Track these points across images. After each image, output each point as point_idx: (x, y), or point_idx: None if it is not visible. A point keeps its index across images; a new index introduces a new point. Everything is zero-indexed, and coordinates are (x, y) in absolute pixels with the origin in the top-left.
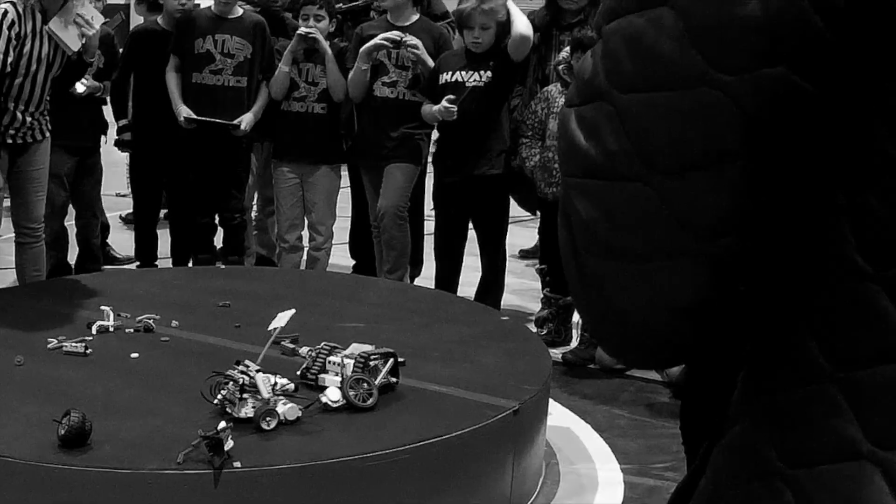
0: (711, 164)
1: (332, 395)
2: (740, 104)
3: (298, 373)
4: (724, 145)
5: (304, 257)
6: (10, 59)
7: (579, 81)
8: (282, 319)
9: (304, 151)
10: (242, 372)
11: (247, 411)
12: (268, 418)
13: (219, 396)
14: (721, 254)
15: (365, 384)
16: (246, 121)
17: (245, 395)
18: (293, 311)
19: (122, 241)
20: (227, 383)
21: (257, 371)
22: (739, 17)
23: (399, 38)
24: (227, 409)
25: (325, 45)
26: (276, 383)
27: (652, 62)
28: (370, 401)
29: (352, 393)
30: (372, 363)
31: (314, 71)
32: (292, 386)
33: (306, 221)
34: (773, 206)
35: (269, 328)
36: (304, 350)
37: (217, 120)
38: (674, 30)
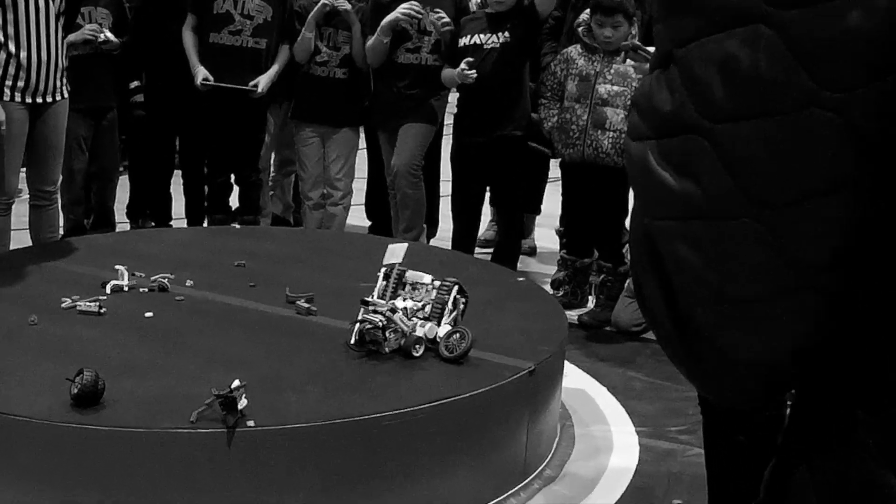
0: (826, 191)
1: (431, 332)
2: (854, 123)
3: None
4: (837, 170)
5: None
6: None
7: (650, 113)
8: (397, 254)
9: (325, 114)
10: (375, 311)
11: (391, 346)
12: (416, 345)
13: (365, 347)
14: (836, 288)
15: (457, 334)
16: (263, 83)
17: (387, 332)
18: (406, 244)
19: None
20: (369, 328)
21: (389, 309)
22: (845, 30)
23: (420, 17)
24: (377, 349)
25: (355, 17)
26: (405, 308)
27: (752, 87)
28: (464, 344)
29: (447, 352)
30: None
31: (336, 36)
32: (420, 304)
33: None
34: (888, 229)
35: (386, 262)
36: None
37: (234, 86)
38: (775, 49)
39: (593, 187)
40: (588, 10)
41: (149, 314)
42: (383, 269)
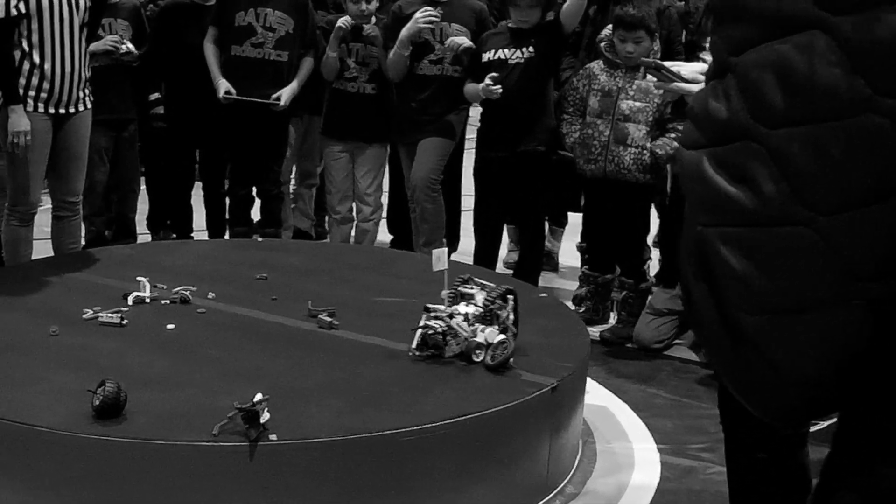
0: (879, 198)
1: (490, 337)
2: None
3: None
4: (891, 176)
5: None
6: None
7: (706, 121)
8: (442, 260)
9: (355, 130)
10: (436, 317)
11: (452, 351)
12: (477, 350)
13: (427, 352)
14: (886, 297)
15: (503, 344)
16: (285, 97)
17: (447, 338)
18: (445, 248)
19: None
20: (431, 334)
21: (449, 315)
22: None
23: (436, 19)
24: (439, 354)
25: (377, 32)
26: (466, 314)
27: (807, 92)
28: (506, 352)
29: (490, 361)
30: (495, 306)
31: (363, 51)
32: (480, 309)
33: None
34: None
35: (436, 269)
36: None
37: (256, 99)
38: (830, 55)
39: (615, 203)
40: (610, 26)
41: (170, 326)
42: (444, 274)
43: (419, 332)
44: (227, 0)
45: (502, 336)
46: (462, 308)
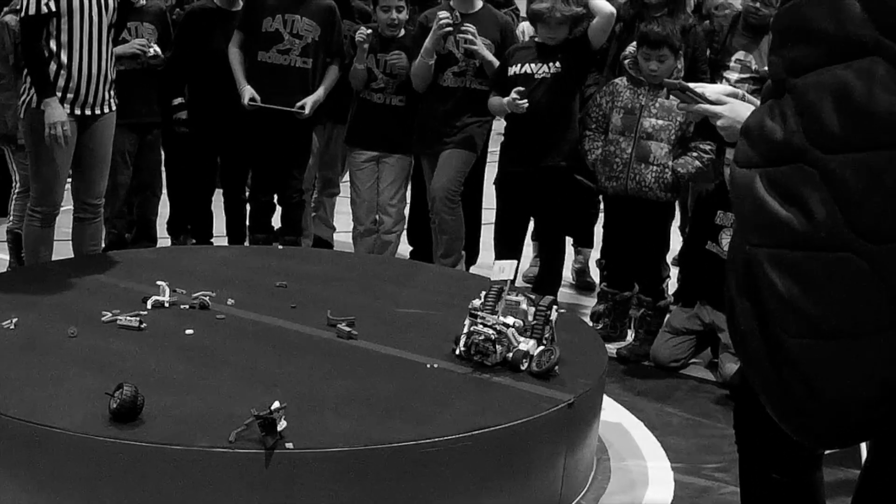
0: None
1: (533, 349)
2: None
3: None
4: None
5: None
6: None
7: (760, 139)
8: (507, 271)
9: (379, 141)
10: (485, 324)
11: (496, 359)
12: (524, 360)
13: (475, 357)
14: None
15: (548, 352)
16: (309, 105)
17: (495, 345)
18: (515, 262)
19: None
20: (481, 340)
21: (497, 323)
22: None
23: (455, 19)
24: (482, 361)
25: (404, 63)
26: (513, 324)
27: (864, 118)
28: (553, 359)
29: (536, 367)
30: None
31: (391, 62)
32: (521, 322)
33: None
34: None
35: (495, 279)
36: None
37: (280, 107)
38: (891, 83)
39: (635, 221)
40: (634, 43)
41: (189, 331)
42: (494, 285)
43: (465, 338)
44: (255, 6)
45: (541, 347)
46: (510, 319)
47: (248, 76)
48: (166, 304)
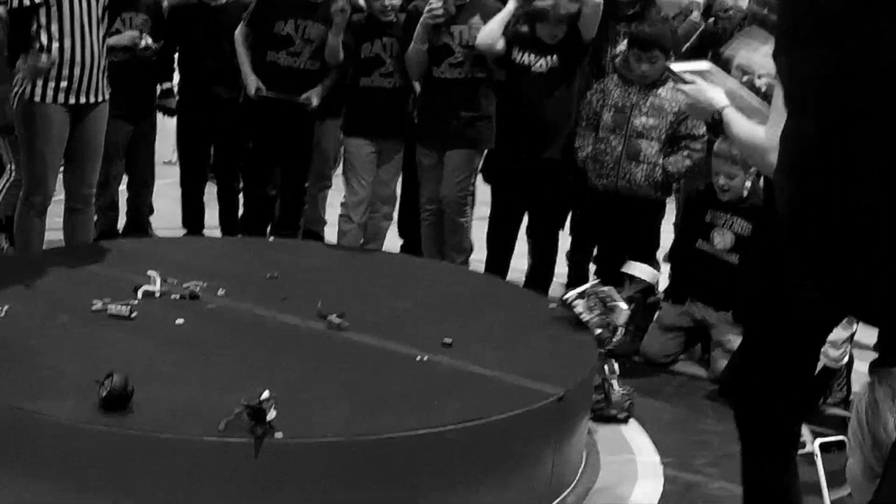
0: None
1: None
2: None
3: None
4: None
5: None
6: None
7: None
8: (644, 273)
9: (379, 127)
10: (597, 295)
11: (603, 327)
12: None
13: (595, 319)
14: None
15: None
16: (315, 95)
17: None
18: (652, 270)
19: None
20: (592, 306)
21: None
22: None
23: (442, 8)
24: (593, 316)
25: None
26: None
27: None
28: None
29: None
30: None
31: (396, 46)
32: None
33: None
34: None
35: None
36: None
37: (287, 96)
38: None
39: (625, 218)
40: (625, 42)
41: (179, 321)
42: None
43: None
44: (269, 6)
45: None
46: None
47: (255, 72)
48: (157, 294)
